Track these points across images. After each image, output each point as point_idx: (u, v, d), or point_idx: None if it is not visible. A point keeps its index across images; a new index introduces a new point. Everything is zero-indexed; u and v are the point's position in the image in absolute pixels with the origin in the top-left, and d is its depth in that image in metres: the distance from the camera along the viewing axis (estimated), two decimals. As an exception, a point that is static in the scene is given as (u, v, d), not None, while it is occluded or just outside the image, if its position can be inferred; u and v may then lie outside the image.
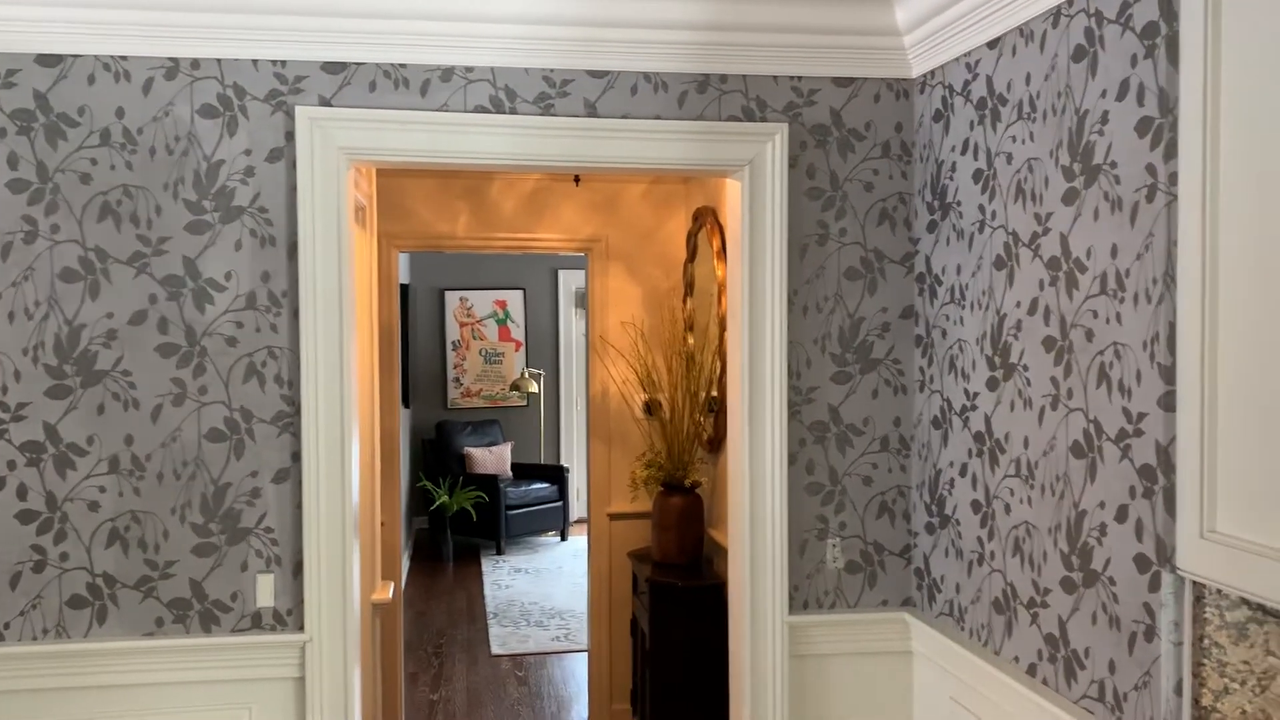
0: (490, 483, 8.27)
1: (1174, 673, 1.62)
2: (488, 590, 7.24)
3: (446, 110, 2.36)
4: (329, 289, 2.33)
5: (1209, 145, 1.50)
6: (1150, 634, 1.66)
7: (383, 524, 3.80)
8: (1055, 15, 1.90)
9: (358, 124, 2.33)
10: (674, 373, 4.03)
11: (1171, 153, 1.60)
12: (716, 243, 3.79)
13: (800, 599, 2.54)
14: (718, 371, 3.75)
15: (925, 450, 2.48)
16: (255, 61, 2.30)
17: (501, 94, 2.38)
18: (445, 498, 8.19)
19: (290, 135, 2.32)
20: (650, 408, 4.25)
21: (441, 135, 2.35)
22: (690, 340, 4.17)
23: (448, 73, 2.36)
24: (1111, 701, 1.76)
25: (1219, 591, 1.57)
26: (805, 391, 2.53)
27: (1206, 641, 1.59)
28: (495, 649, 5.92)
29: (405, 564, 6.63)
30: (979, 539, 2.22)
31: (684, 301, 4.35)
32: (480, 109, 2.37)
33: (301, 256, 2.32)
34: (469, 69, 2.36)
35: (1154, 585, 1.65)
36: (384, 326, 4.07)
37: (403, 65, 2.34)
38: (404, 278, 7.69)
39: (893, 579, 2.56)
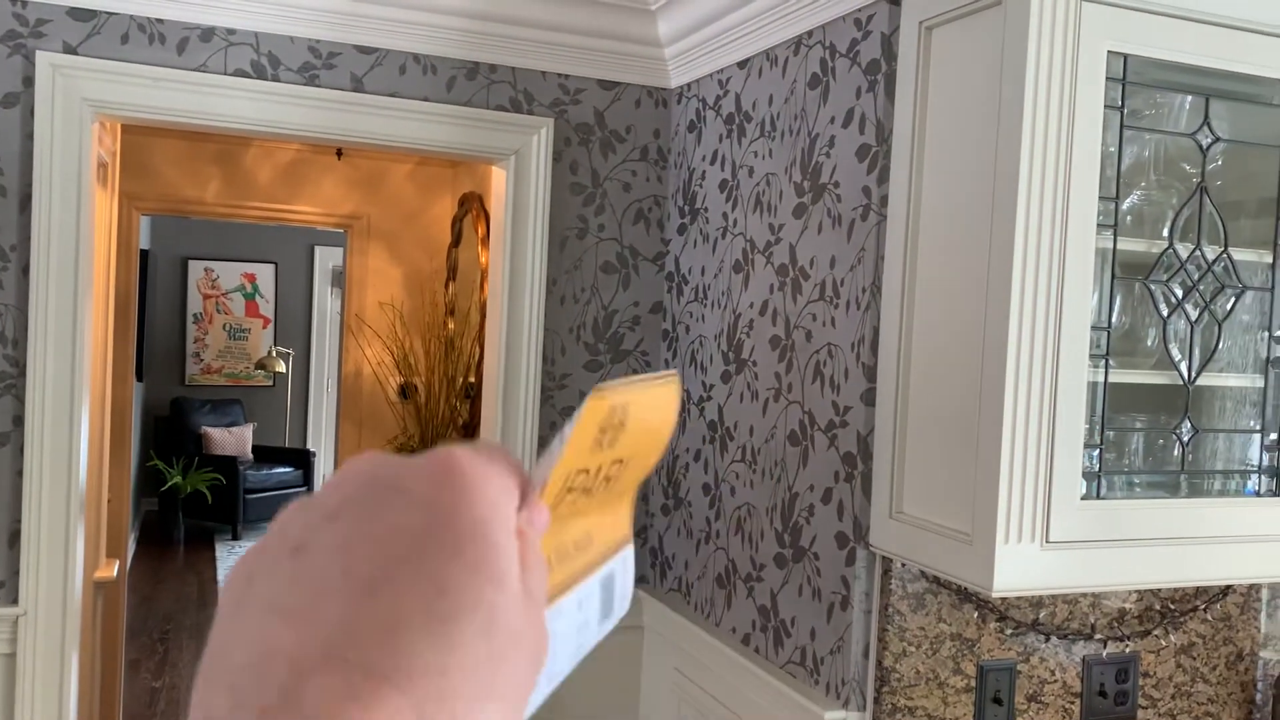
0: (229, 465, 7.90)
1: (863, 638, 1.84)
2: (221, 576, 6.93)
3: (205, 71, 2.29)
4: (65, 247, 2.21)
5: (914, 173, 1.71)
6: (845, 604, 1.87)
7: (109, 501, 3.59)
8: (797, 44, 2.09)
9: (106, 76, 2.22)
10: (432, 356, 4.04)
11: (884, 177, 1.81)
12: (482, 229, 3.83)
13: (541, 577, 2.64)
14: (477, 357, 3.80)
15: (665, 438, 2.64)
16: (-9, -3, 2.15)
17: (264, 60, 2.34)
18: (179, 478, 7.75)
19: (29, 81, 2.18)
20: (405, 391, 4.23)
21: (198, 96, 2.28)
22: (451, 325, 4.18)
23: (208, 33, 2.29)
24: (811, 665, 1.97)
25: (903, 565, 1.79)
26: (559, 378, 2.63)
27: (891, 610, 1.81)
28: (227, 635, 5.68)
29: (131, 546, 6.23)
30: (707, 519, 2.40)
31: (446, 286, 4.36)
32: (241, 73, 2.32)
33: (36, 211, 2.18)
34: (231, 31, 2.31)
35: (850, 560, 1.85)
36: (120, 293, 3.84)
37: (159, 20, 2.25)
38: (144, 243, 7.21)
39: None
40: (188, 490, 7.73)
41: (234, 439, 8.21)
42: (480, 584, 0.33)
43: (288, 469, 8.26)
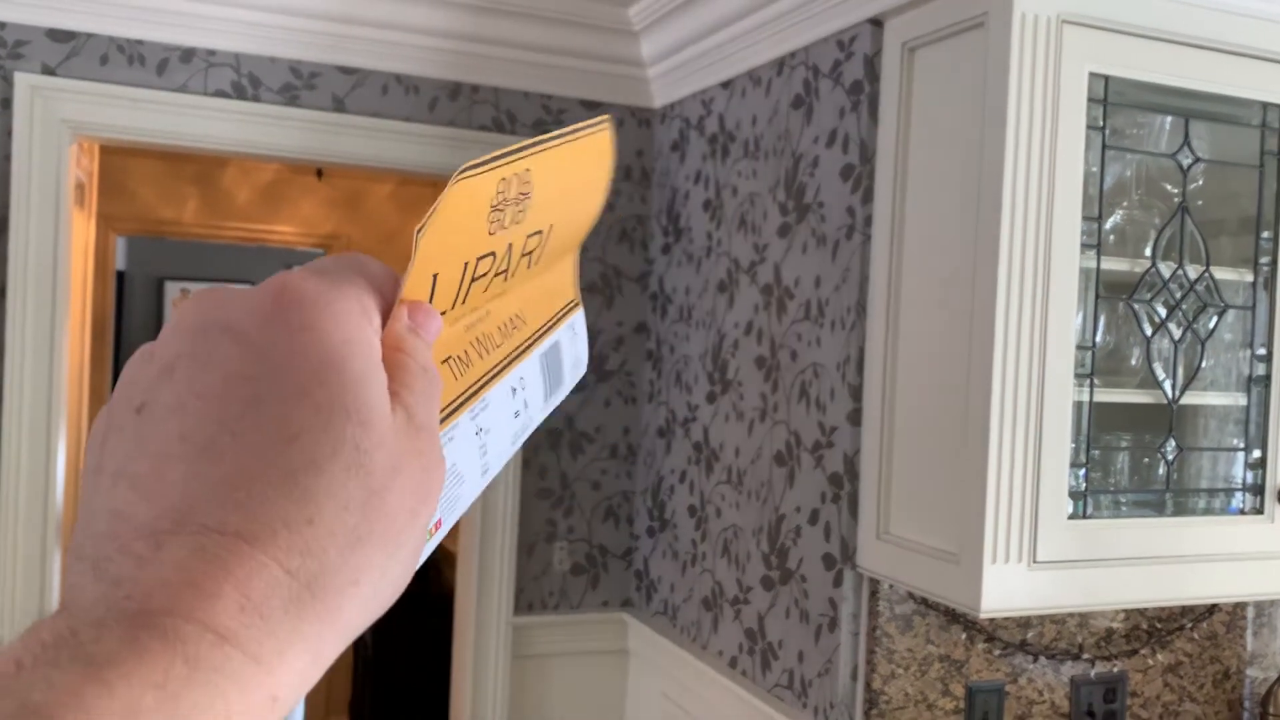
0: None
1: (851, 660, 1.82)
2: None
3: (185, 92, 2.28)
4: (42, 270, 2.18)
5: (898, 193, 1.72)
6: (833, 625, 1.86)
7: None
8: (780, 64, 2.10)
9: (85, 97, 2.20)
10: (411, 377, 4.02)
11: (868, 197, 1.81)
12: (460, 250, 3.82)
13: (525, 600, 2.61)
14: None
15: (650, 458, 2.63)
16: (-33, 18, 2.13)
17: (245, 81, 2.32)
18: (155, 502, 7.68)
19: (7, 102, 2.16)
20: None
21: (178, 117, 2.27)
22: (429, 346, 4.17)
23: (188, 54, 2.28)
24: (799, 688, 1.95)
25: (890, 586, 1.78)
26: (540, 399, 2.62)
27: (879, 632, 1.80)
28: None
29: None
30: (693, 541, 2.39)
31: (425, 307, 4.34)
32: (221, 94, 2.30)
33: (13, 234, 2.16)
34: (211, 52, 2.29)
35: (838, 581, 1.85)
36: (97, 316, 3.80)
37: (139, 41, 2.24)
38: (119, 264, 7.15)
39: (614, 580, 2.69)
40: (164, 514, 7.65)
41: (211, 462, 8.15)
42: (338, 423, 0.30)
43: (266, 492, 8.20)
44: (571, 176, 0.40)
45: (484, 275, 0.37)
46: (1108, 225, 1.65)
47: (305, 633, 0.29)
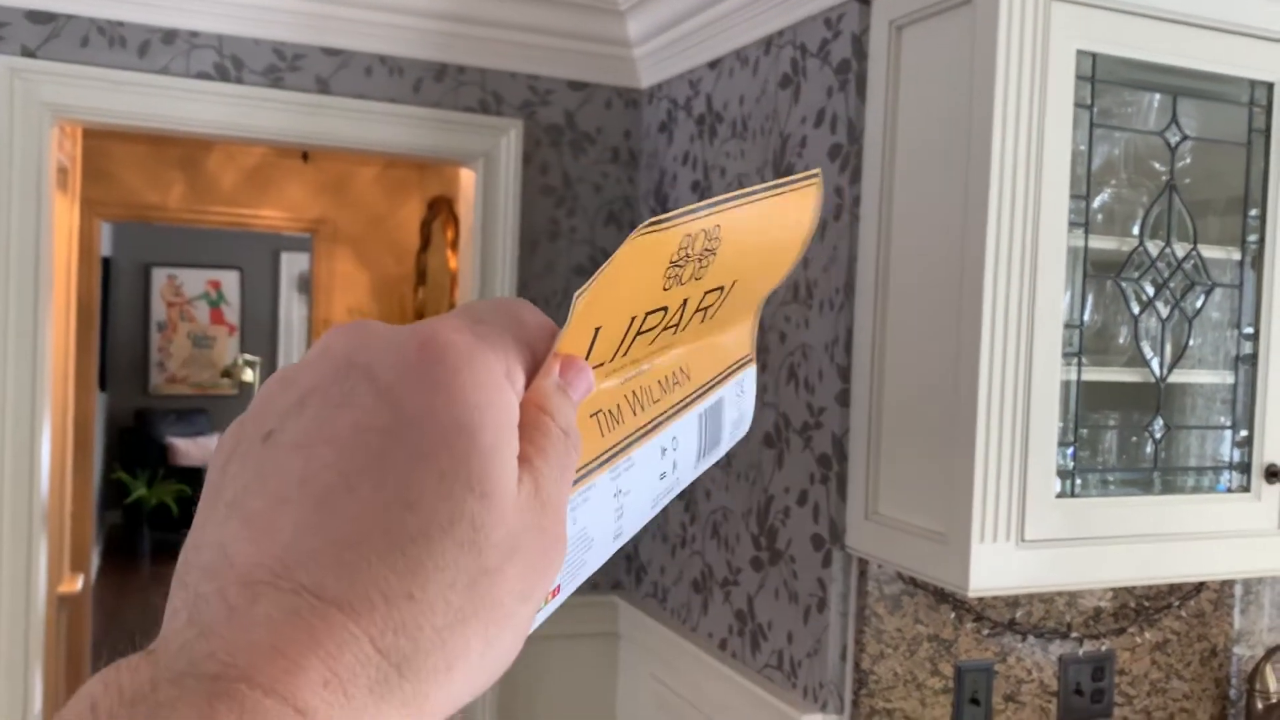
0: (195, 476, 7.80)
1: (840, 640, 1.83)
2: (189, 587, 6.83)
3: (167, 74, 2.25)
4: (24, 255, 2.16)
5: (886, 173, 1.71)
6: (822, 606, 1.86)
7: (72, 515, 3.53)
8: (768, 44, 2.09)
9: (66, 79, 2.18)
10: (400, 362, 4.01)
11: (856, 177, 1.81)
12: (451, 233, 3.81)
13: (515, 583, 2.61)
14: (444, 362, 3.76)
15: (638, 442, 2.62)
16: (-56, -1, 2.10)
17: (228, 62, 2.30)
18: (144, 491, 7.64)
19: (-16, 83, 2.13)
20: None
21: (160, 99, 2.24)
22: (418, 330, 4.16)
23: (170, 35, 2.25)
24: (788, 669, 1.96)
25: (879, 566, 1.79)
26: (528, 382, 2.61)
27: (867, 612, 1.80)
28: (195, 648, 5.61)
29: (96, 561, 6.13)
30: (682, 523, 2.39)
31: (416, 291, 4.33)
32: (204, 76, 2.28)
33: (-9, 216, 2.14)
34: (194, 33, 2.27)
35: (826, 562, 1.85)
36: (82, 302, 3.78)
37: (120, 23, 2.21)
38: (105, 250, 7.11)
39: (605, 564, 2.69)
40: (153, 503, 7.62)
41: (200, 450, 8.11)
42: (458, 494, 0.29)
43: (255, 478, 8.16)
44: (766, 233, 0.37)
45: (651, 329, 0.35)
46: (1095, 204, 1.65)
47: (388, 718, 0.28)
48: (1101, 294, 1.68)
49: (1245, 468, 1.71)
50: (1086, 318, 1.64)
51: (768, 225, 0.37)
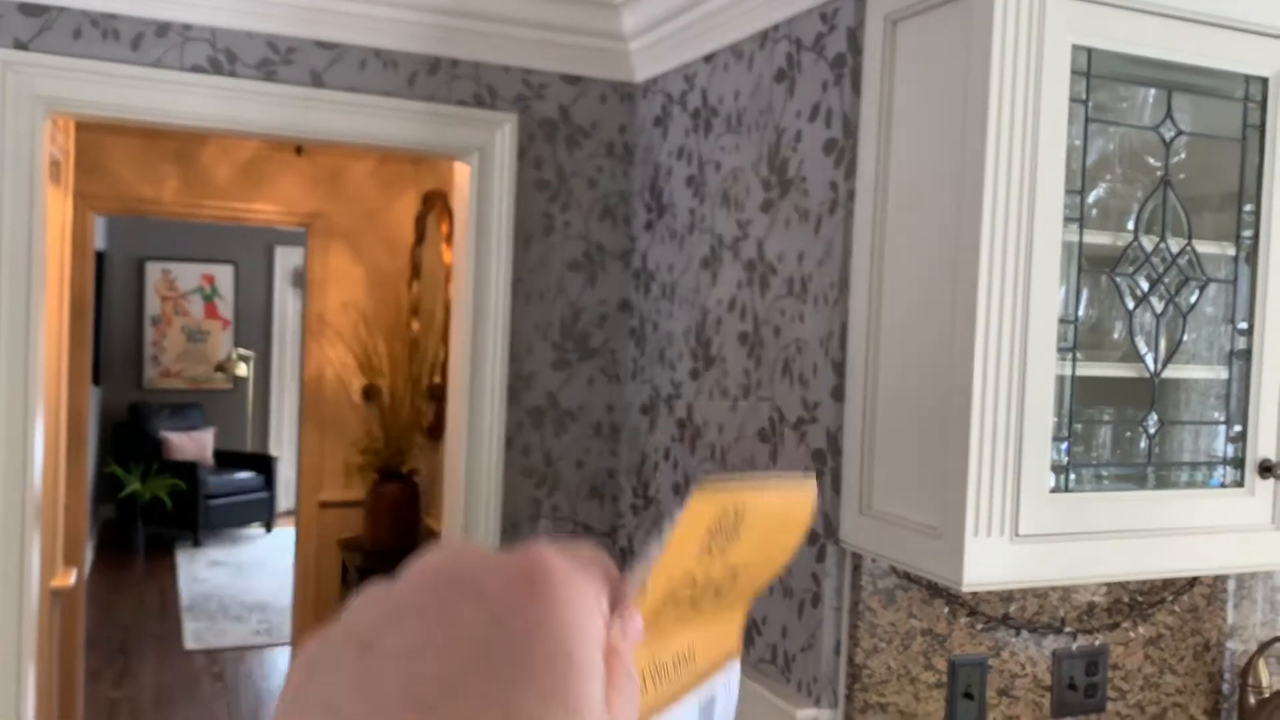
0: (189, 470, 7.79)
1: (834, 634, 1.83)
2: (182, 584, 6.83)
3: (161, 67, 2.24)
4: (16, 248, 2.15)
5: (881, 167, 1.71)
6: (816, 600, 1.86)
7: (66, 508, 3.52)
8: (763, 38, 2.08)
9: (59, 72, 2.17)
10: (396, 357, 4.00)
11: (851, 171, 1.80)
12: (446, 227, 3.80)
13: (509, 578, 2.61)
14: (442, 358, 3.76)
15: (634, 436, 2.62)
16: (-64, -9, 2.09)
17: (221, 56, 2.29)
18: (138, 485, 7.63)
19: (-25, 76, 2.12)
20: (369, 393, 4.19)
21: (154, 92, 2.24)
22: (415, 325, 4.15)
23: (163, 28, 2.24)
24: (782, 663, 1.96)
25: (873, 561, 1.79)
26: (525, 377, 2.61)
27: (861, 606, 1.80)
28: (190, 644, 5.61)
29: (90, 555, 6.12)
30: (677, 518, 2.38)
31: (410, 285, 4.32)
32: (197, 69, 2.27)
33: (-16, 209, 2.13)
34: (187, 26, 2.26)
35: (820, 556, 1.85)
36: (75, 296, 3.77)
37: (113, 15, 2.20)
38: (99, 244, 7.09)
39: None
40: (147, 497, 7.60)
41: (194, 444, 8.09)
42: (554, 714, 0.30)
43: (249, 474, 8.15)
44: (773, 524, 0.39)
45: (680, 600, 0.37)
46: (1090, 199, 1.65)
47: None
48: (1096, 289, 1.68)
49: (1239, 463, 1.71)
50: (1081, 313, 1.64)
51: (776, 520, 0.39)
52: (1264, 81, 1.68)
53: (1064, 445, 1.60)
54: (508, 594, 0.31)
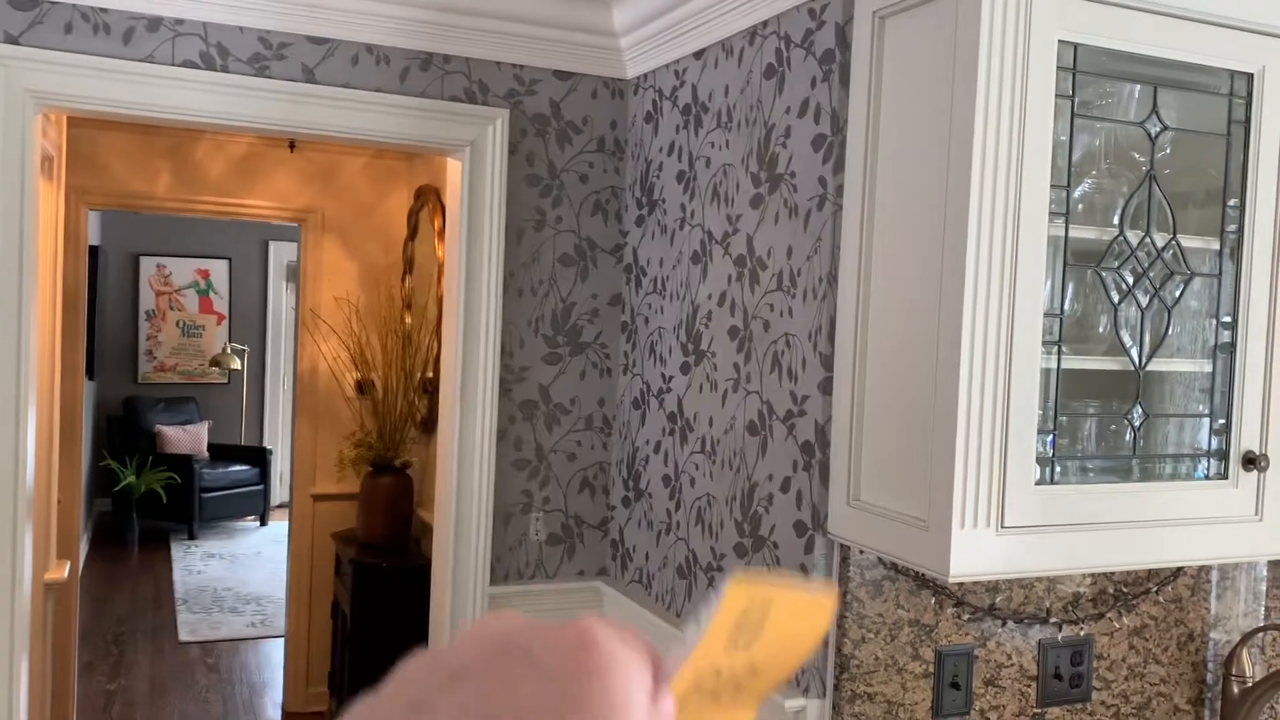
0: (184, 463, 7.79)
1: (823, 625, 1.84)
2: (177, 576, 6.84)
3: (152, 62, 2.25)
4: (8, 243, 2.16)
5: (869, 163, 1.72)
6: (806, 591, 1.87)
7: (60, 502, 3.53)
8: (752, 34, 2.09)
9: (50, 67, 2.17)
10: (389, 351, 4.00)
11: (839, 167, 1.82)
12: (438, 223, 3.81)
13: (502, 571, 2.63)
14: (435, 351, 3.77)
15: (625, 429, 2.64)
16: (-73, -14, 2.09)
17: (214, 51, 2.30)
18: (132, 478, 7.63)
19: (-33, 71, 2.13)
20: (363, 387, 4.19)
21: (145, 88, 2.24)
22: (408, 319, 4.15)
23: (154, 23, 2.25)
24: (772, 654, 1.97)
25: (860, 552, 1.80)
26: (517, 370, 2.62)
27: (849, 597, 1.82)
28: (184, 636, 5.62)
29: (84, 548, 6.12)
30: (668, 510, 2.40)
31: (403, 280, 4.33)
32: (189, 64, 2.28)
33: (-24, 204, 2.13)
34: (178, 21, 2.26)
35: (809, 548, 1.86)
36: (69, 291, 3.77)
37: (104, 10, 2.21)
38: (94, 239, 7.08)
39: (590, 550, 2.71)
40: (142, 490, 7.61)
41: (189, 437, 8.10)
42: None
43: (244, 467, 8.16)
44: (794, 624, 0.40)
45: (705, 689, 0.37)
46: (1076, 194, 1.66)
47: None
48: (1082, 283, 1.70)
49: (1223, 455, 1.73)
50: (1067, 307, 1.66)
51: (796, 623, 0.40)
52: (1249, 77, 1.69)
53: (1050, 438, 1.61)
54: (563, 662, 0.32)
